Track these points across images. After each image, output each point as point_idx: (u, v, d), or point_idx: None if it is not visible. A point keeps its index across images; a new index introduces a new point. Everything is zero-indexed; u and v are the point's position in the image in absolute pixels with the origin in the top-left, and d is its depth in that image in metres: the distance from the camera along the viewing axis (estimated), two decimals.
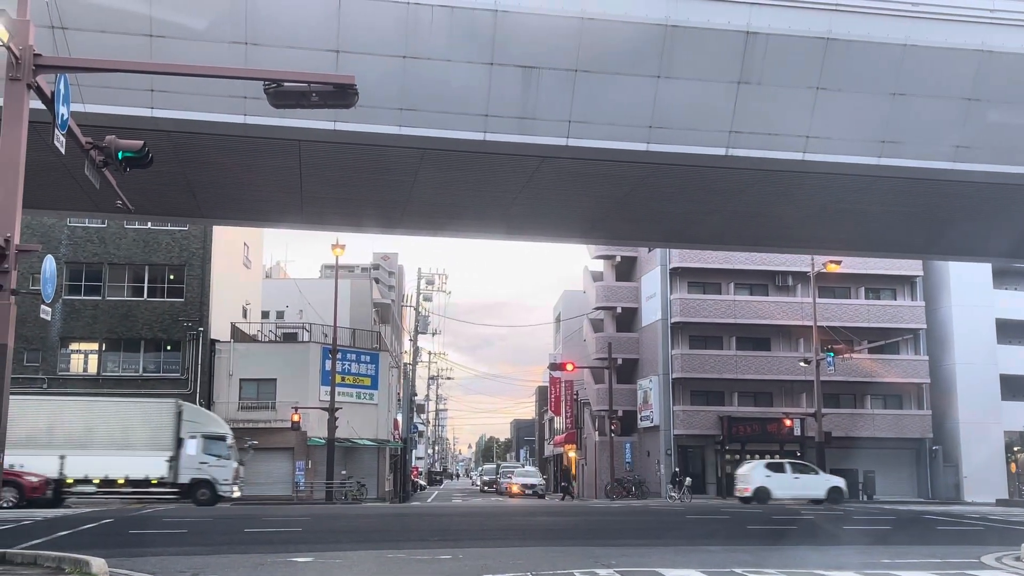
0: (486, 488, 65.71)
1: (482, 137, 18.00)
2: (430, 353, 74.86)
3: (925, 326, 44.28)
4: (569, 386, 56.21)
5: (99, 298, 37.09)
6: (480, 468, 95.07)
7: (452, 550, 13.54)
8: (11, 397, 10.30)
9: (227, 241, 40.28)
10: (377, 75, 16.61)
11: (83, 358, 37.27)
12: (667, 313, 44.12)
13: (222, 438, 30.61)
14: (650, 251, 45.88)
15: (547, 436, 72.64)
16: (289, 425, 34.68)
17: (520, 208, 23.22)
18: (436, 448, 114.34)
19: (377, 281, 66.29)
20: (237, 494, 30.71)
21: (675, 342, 44.03)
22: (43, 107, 10.53)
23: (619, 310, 49.73)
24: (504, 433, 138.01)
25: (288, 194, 22.41)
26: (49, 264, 10.92)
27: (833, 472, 35.94)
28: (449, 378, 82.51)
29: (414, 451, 59.96)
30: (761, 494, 32.60)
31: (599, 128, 18.22)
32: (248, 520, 20.62)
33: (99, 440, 29.47)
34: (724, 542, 16.13)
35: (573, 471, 55.71)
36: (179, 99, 16.69)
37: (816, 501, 32.46)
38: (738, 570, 11.36)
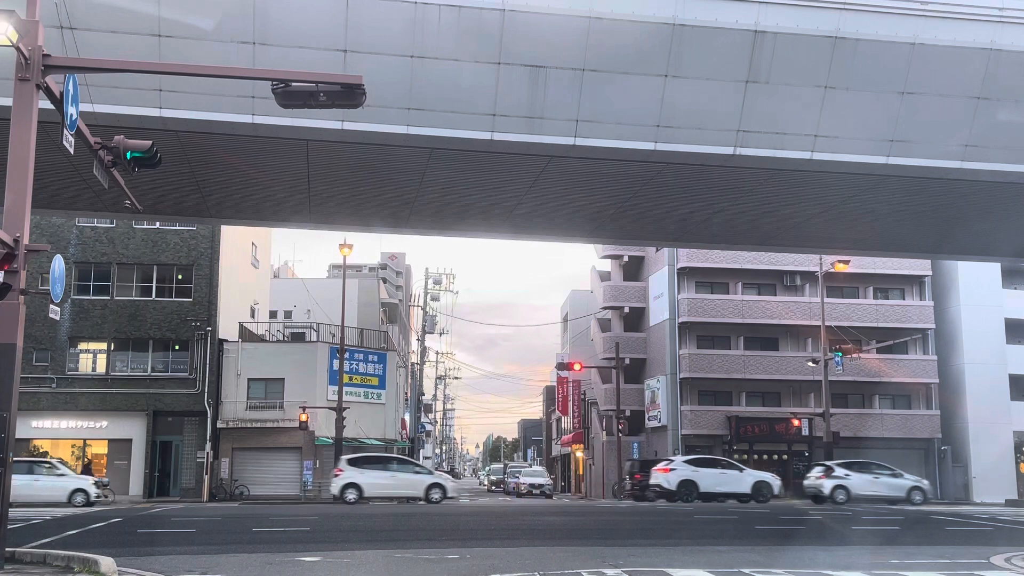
0: (493, 488, 65.72)
1: (490, 137, 18.00)
2: (437, 353, 75.14)
3: (934, 326, 44.16)
4: (576, 386, 56.16)
5: (108, 298, 37.19)
6: (487, 468, 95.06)
7: (460, 549, 13.54)
8: None
9: (235, 241, 40.35)
10: (385, 75, 16.62)
11: (92, 358, 37.37)
12: (675, 313, 44.08)
13: None
14: (658, 251, 45.85)
15: (554, 436, 72.60)
16: (297, 425, 34.72)
17: (527, 207, 23.22)
18: (444, 448, 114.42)
19: (384, 281, 66.30)
20: None
21: (683, 342, 43.99)
22: (52, 107, 10.55)
23: (627, 310, 49.70)
24: (511, 433, 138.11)
25: (296, 194, 22.45)
26: (58, 264, 10.95)
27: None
28: (456, 378, 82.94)
29: (422, 451, 59.99)
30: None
31: (607, 127, 18.21)
32: (256, 519, 20.66)
33: None
34: (732, 542, 16.10)
35: (580, 471, 55.69)
36: (187, 99, 16.72)
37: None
38: (746, 570, 11.34)
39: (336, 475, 30.41)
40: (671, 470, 32.44)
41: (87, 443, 36.87)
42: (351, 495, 29.27)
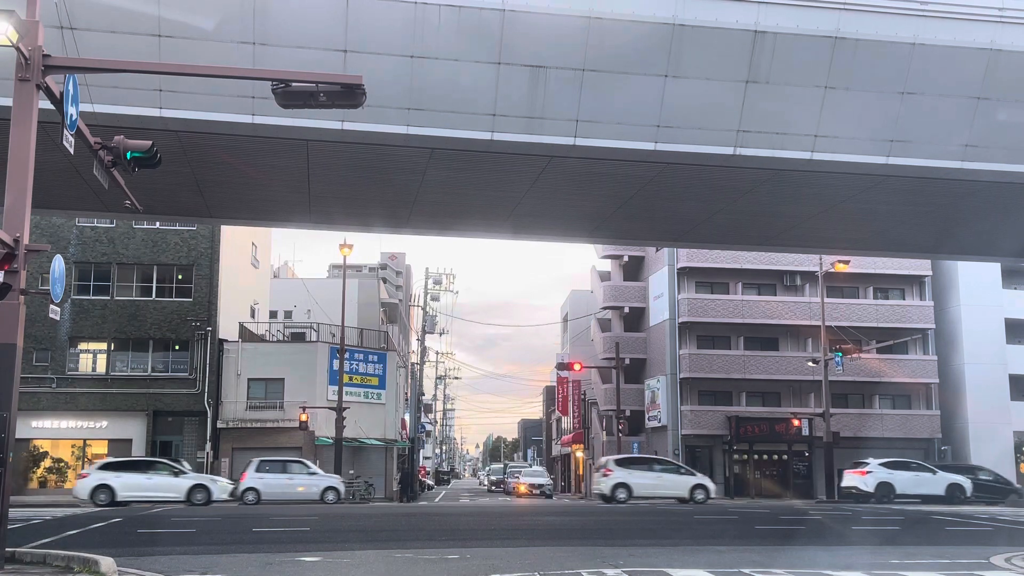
0: (493, 488, 65.72)
1: (490, 137, 18.01)
2: (437, 353, 75.17)
3: (934, 326, 44.16)
4: (577, 386, 56.15)
5: (108, 298, 37.20)
6: (487, 468, 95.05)
7: (460, 549, 13.53)
8: None
9: (235, 241, 40.36)
10: (385, 75, 16.63)
11: (92, 358, 37.38)
12: (675, 313, 44.08)
13: None
14: (657, 251, 45.86)
15: (554, 436, 72.61)
16: (297, 425, 34.72)
17: (527, 207, 23.21)
18: (444, 448, 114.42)
19: (384, 281, 66.29)
20: None
21: (683, 342, 43.98)
22: (52, 107, 10.55)
23: (627, 310, 49.70)
24: (511, 433, 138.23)
25: (296, 194, 22.45)
26: (58, 264, 10.95)
27: (842, 472, 35.79)
28: (456, 378, 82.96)
29: (421, 451, 59.99)
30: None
31: (607, 127, 18.21)
32: (256, 519, 20.65)
33: None
34: (732, 542, 16.09)
35: (580, 471, 55.66)
36: (187, 99, 16.73)
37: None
38: (746, 570, 11.33)
39: (606, 475, 31.40)
40: (868, 473, 33.20)
41: (87, 443, 36.88)
42: (622, 494, 30.43)
